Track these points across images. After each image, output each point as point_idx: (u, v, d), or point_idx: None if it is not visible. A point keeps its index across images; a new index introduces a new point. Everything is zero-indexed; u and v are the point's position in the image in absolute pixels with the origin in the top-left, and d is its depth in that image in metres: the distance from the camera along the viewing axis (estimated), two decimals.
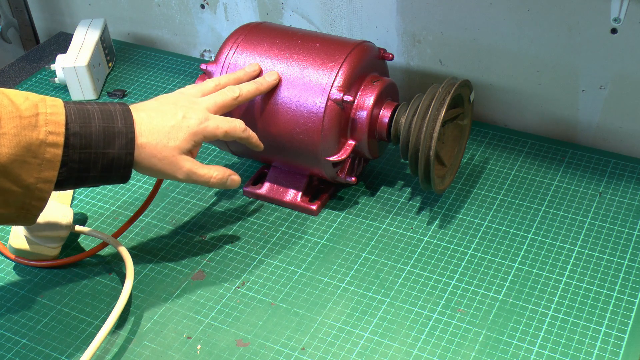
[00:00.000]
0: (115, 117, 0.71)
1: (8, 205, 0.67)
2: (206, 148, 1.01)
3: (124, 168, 0.71)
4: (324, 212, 0.90)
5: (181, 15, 1.21)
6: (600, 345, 0.72)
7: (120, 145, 0.70)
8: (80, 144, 0.68)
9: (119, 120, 0.71)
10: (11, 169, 0.65)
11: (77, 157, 0.68)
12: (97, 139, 0.69)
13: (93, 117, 0.70)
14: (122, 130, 0.70)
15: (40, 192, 0.67)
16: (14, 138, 0.64)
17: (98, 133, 0.69)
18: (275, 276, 0.82)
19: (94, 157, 0.69)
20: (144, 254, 0.86)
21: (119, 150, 0.70)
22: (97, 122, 0.69)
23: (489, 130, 1.02)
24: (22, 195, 0.66)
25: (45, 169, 0.66)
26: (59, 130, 0.67)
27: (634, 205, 0.88)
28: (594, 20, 0.90)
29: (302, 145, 0.84)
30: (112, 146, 0.70)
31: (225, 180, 0.79)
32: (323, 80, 0.83)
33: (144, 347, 0.75)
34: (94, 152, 0.69)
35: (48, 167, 0.66)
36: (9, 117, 0.64)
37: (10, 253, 0.85)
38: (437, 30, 1.00)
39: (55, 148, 0.66)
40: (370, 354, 0.73)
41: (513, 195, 0.91)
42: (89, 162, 0.69)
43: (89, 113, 0.70)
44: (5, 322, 0.78)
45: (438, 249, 0.84)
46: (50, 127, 0.66)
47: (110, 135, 0.70)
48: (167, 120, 0.74)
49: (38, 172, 0.66)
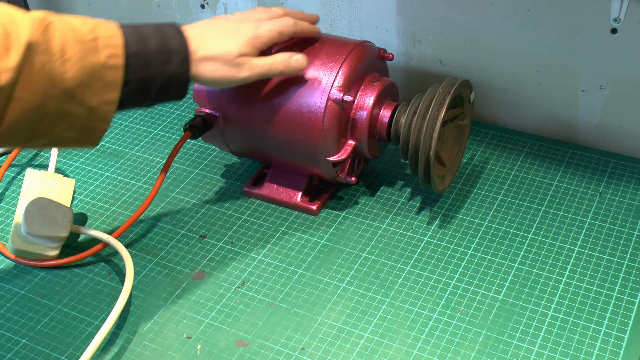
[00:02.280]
0: (170, 36, 0.73)
1: (73, 128, 0.69)
2: (206, 148, 1.01)
3: (181, 85, 0.74)
4: (324, 212, 0.90)
5: (181, 15, 1.21)
6: (600, 345, 0.72)
7: (177, 63, 0.73)
8: (139, 63, 0.70)
9: (173, 38, 0.73)
10: (76, 93, 0.67)
11: (137, 76, 0.70)
12: (155, 58, 0.71)
13: (149, 37, 0.72)
14: (176, 49, 0.73)
15: (103, 113, 0.69)
16: (78, 62, 0.66)
17: (155, 52, 0.71)
18: (275, 276, 0.82)
19: (152, 76, 0.71)
20: (144, 254, 0.86)
21: (175, 68, 0.73)
22: (153, 42, 0.72)
23: (489, 130, 1.02)
24: (87, 118, 0.69)
25: (108, 91, 0.68)
26: (118, 52, 0.69)
27: (634, 205, 0.88)
28: (594, 20, 0.90)
29: (302, 145, 0.84)
30: (169, 64, 0.72)
31: (290, 61, 0.80)
32: (323, 80, 0.83)
33: (144, 347, 0.75)
34: (152, 70, 0.71)
35: (110, 88, 0.69)
36: (72, 42, 0.66)
37: (10, 253, 0.85)
38: (437, 30, 1.00)
39: (115, 70, 0.68)
40: (370, 354, 0.73)
41: (513, 195, 0.91)
42: (148, 80, 0.71)
43: (145, 33, 0.72)
44: (5, 322, 0.78)
45: (438, 249, 0.84)
46: (110, 50, 0.68)
47: (166, 54, 0.72)
48: (220, 33, 0.78)
49: (101, 94, 0.68)
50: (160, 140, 1.04)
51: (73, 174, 0.98)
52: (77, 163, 1.00)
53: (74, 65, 0.66)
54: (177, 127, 1.06)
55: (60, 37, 0.66)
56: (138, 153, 1.02)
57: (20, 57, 0.63)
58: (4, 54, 0.62)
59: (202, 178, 0.96)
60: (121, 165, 0.99)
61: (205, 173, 0.97)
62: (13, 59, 0.63)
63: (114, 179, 0.97)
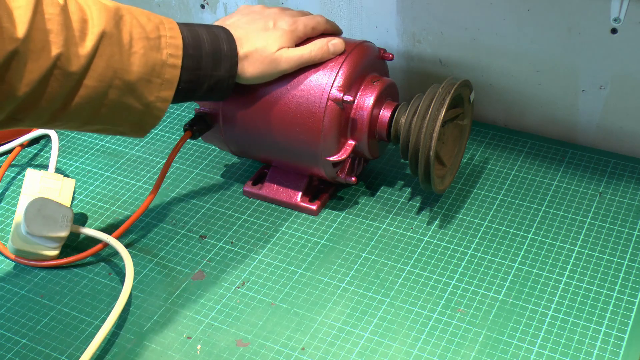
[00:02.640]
0: (221, 41, 0.77)
1: (127, 120, 0.72)
2: (206, 148, 1.01)
3: (226, 89, 0.79)
4: (324, 212, 0.90)
5: (181, 15, 1.21)
6: (600, 345, 0.72)
7: (225, 68, 0.77)
8: (193, 65, 0.74)
9: (224, 43, 0.77)
10: (137, 87, 0.69)
11: (189, 77, 0.74)
12: (207, 62, 0.75)
13: (204, 40, 0.75)
14: (227, 54, 0.77)
15: (157, 110, 0.72)
16: (142, 58, 0.69)
17: (208, 56, 0.75)
18: (275, 276, 0.82)
19: (202, 78, 0.76)
20: (144, 254, 0.86)
21: (224, 73, 0.77)
22: (206, 46, 0.75)
23: (489, 130, 1.02)
24: (141, 113, 0.72)
25: (165, 89, 0.72)
26: (178, 52, 0.72)
27: (634, 205, 0.88)
28: (594, 20, 0.90)
29: (302, 145, 0.84)
30: (218, 69, 0.76)
31: (327, 46, 0.83)
32: (323, 80, 0.83)
33: (144, 347, 0.75)
34: (203, 73, 0.75)
35: (167, 86, 0.72)
36: (139, 38, 0.69)
37: (10, 253, 0.85)
38: (437, 30, 1.00)
39: (174, 69, 0.72)
40: (370, 354, 0.73)
41: (513, 195, 0.91)
42: (198, 82, 0.75)
43: (200, 37, 0.75)
44: (5, 322, 0.78)
45: (438, 249, 0.84)
46: (171, 50, 0.71)
47: (217, 59, 0.76)
48: (261, 29, 0.81)
49: (158, 91, 0.71)
50: (160, 140, 1.04)
51: (73, 174, 0.98)
52: (77, 163, 1.00)
53: (139, 59, 0.69)
54: (177, 127, 1.06)
55: (129, 30, 0.68)
56: (138, 153, 1.02)
57: (94, 45, 0.65)
58: (81, 40, 0.65)
59: (202, 178, 0.96)
60: (121, 165, 0.99)
61: (205, 173, 0.97)
62: (88, 46, 0.65)
63: (114, 179, 0.97)
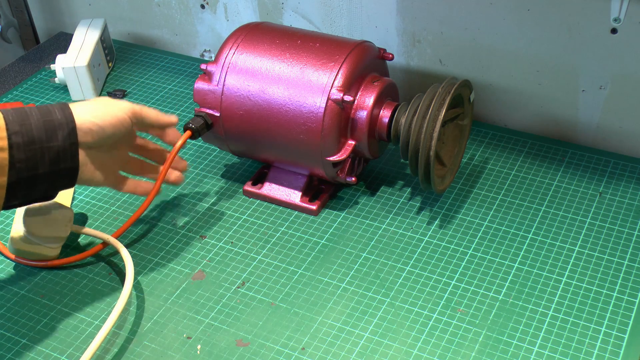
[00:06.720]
0: (52, 111, 0.71)
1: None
2: (206, 148, 1.01)
3: (70, 159, 0.72)
4: (324, 212, 0.90)
5: (181, 15, 1.21)
6: (600, 345, 0.72)
7: (63, 135, 0.71)
8: (24, 141, 0.68)
9: (57, 112, 0.71)
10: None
11: (23, 155, 0.68)
12: (39, 133, 0.69)
13: (31, 114, 0.70)
14: (62, 121, 0.71)
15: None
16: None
17: (39, 127, 0.69)
18: (275, 276, 0.82)
19: (39, 152, 0.69)
20: (144, 254, 0.86)
21: (62, 142, 0.71)
22: (35, 118, 0.70)
23: (489, 130, 1.02)
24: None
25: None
26: (1, 134, 0.67)
27: (634, 205, 0.88)
28: (594, 20, 0.90)
29: (302, 145, 0.84)
30: (55, 138, 0.70)
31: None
32: (323, 80, 0.83)
33: (144, 347, 0.75)
34: (38, 147, 0.69)
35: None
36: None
37: (10, 253, 0.85)
38: (437, 30, 1.00)
39: (1, 152, 0.67)
40: (370, 354, 0.73)
41: (513, 195, 0.91)
42: (36, 158, 0.69)
43: (26, 112, 0.70)
44: (5, 322, 0.78)
45: (438, 249, 0.84)
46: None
47: (51, 128, 0.70)
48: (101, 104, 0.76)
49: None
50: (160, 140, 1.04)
51: None
52: None
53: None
54: (177, 127, 1.06)
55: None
56: None
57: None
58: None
59: (202, 178, 0.96)
60: None
61: (205, 173, 0.97)
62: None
63: None
